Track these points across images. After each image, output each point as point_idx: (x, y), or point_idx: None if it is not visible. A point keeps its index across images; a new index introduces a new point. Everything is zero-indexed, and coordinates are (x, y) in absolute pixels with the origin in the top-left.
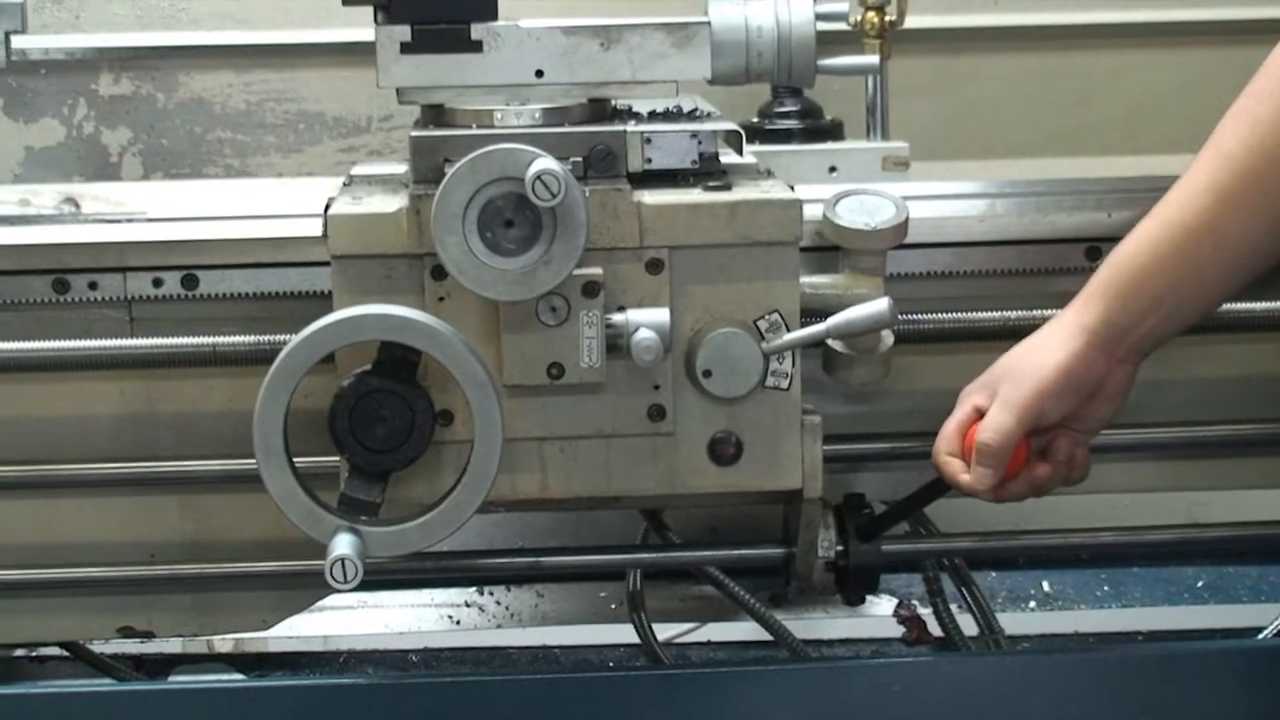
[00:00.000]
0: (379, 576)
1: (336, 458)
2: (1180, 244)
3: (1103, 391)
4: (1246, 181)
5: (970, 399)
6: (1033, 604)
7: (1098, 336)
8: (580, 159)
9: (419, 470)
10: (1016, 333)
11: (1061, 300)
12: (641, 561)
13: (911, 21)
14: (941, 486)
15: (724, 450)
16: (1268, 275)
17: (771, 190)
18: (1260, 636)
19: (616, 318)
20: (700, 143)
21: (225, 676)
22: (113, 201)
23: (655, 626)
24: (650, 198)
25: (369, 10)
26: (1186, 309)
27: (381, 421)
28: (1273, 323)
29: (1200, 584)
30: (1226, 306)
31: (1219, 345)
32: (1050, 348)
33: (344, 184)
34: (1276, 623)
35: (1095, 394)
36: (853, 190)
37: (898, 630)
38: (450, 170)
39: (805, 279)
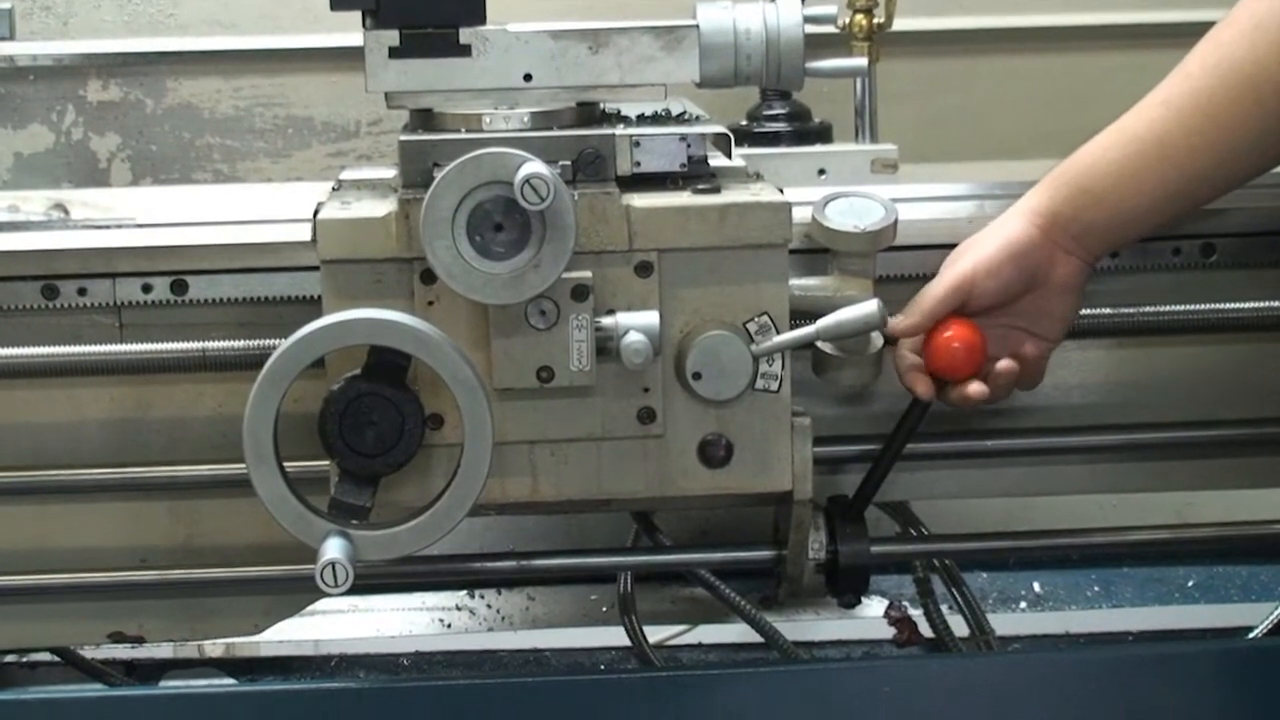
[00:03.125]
0: (370, 580)
1: (327, 462)
2: (1128, 150)
3: (1049, 282)
4: (1198, 100)
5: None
6: (1023, 605)
7: (1041, 218)
8: (569, 162)
9: (409, 474)
10: None
11: None
12: (632, 564)
13: (900, 24)
14: (919, 411)
15: (714, 452)
16: (1210, 200)
17: (760, 193)
18: (1250, 636)
19: (606, 321)
20: (689, 146)
21: (216, 681)
22: (102, 207)
23: (646, 629)
24: (639, 201)
25: (357, 15)
26: (1128, 213)
27: (371, 425)
28: (1260, 323)
29: (1190, 584)
30: (1218, 306)
31: (1210, 345)
32: (997, 225)
33: (333, 189)
34: (1267, 622)
35: (1041, 282)
36: (842, 192)
37: (888, 632)
38: (439, 174)
39: (794, 281)
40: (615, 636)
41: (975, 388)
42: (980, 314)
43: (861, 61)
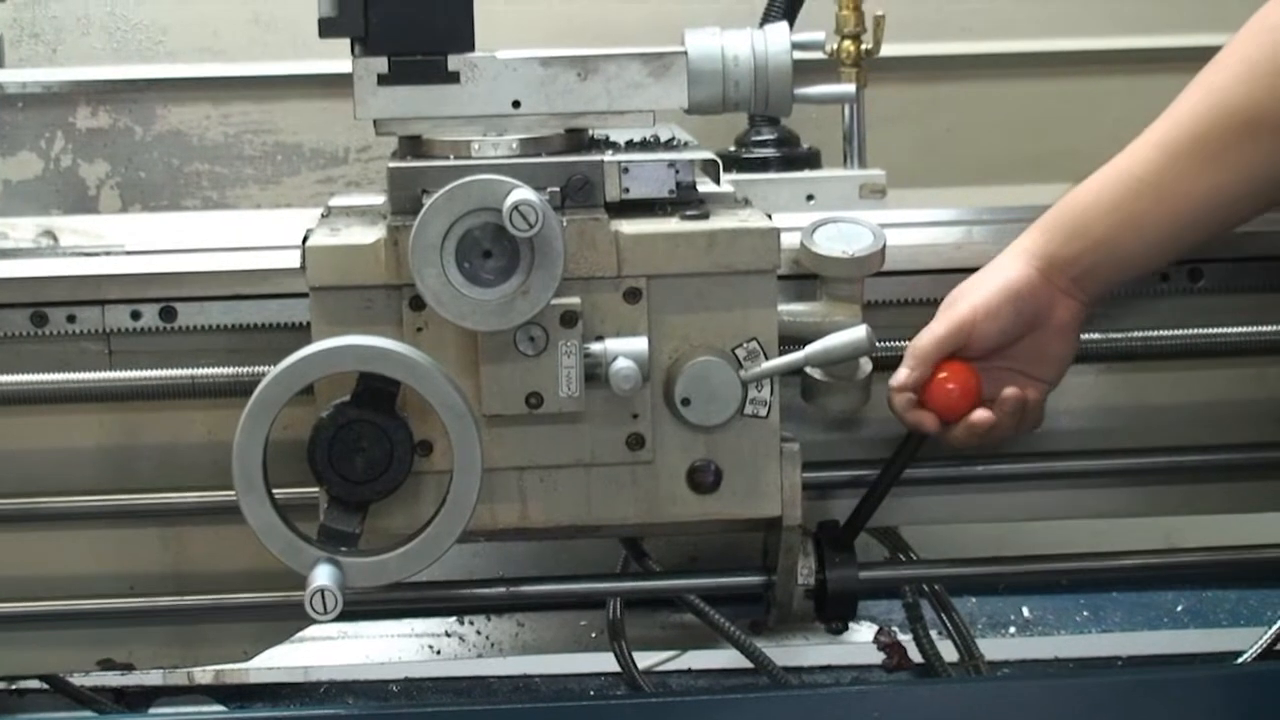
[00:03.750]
0: (359, 607)
1: (316, 489)
2: (1124, 192)
3: (1048, 324)
4: (1193, 143)
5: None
6: (1013, 629)
7: (1039, 261)
8: (558, 189)
9: (398, 501)
10: None
11: None
12: (621, 590)
13: (887, 50)
14: (913, 445)
15: (703, 478)
16: (1208, 242)
17: (749, 219)
18: (1240, 661)
19: (595, 347)
20: (678, 172)
21: (206, 708)
22: (91, 234)
23: (636, 655)
24: (628, 227)
25: (346, 42)
26: (1125, 257)
27: (360, 452)
28: (1248, 347)
29: (1180, 608)
30: (1206, 331)
31: (1198, 370)
32: (994, 268)
33: (322, 215)
34: (1256, 647)
35: (1039, 324)
36: (830, 218)
37: (878, 656)
38: (428, 201)
39: (783, 307)
40: (605, 662)
41: (980, 414)
42: (978, 357)
43: (849, 87)
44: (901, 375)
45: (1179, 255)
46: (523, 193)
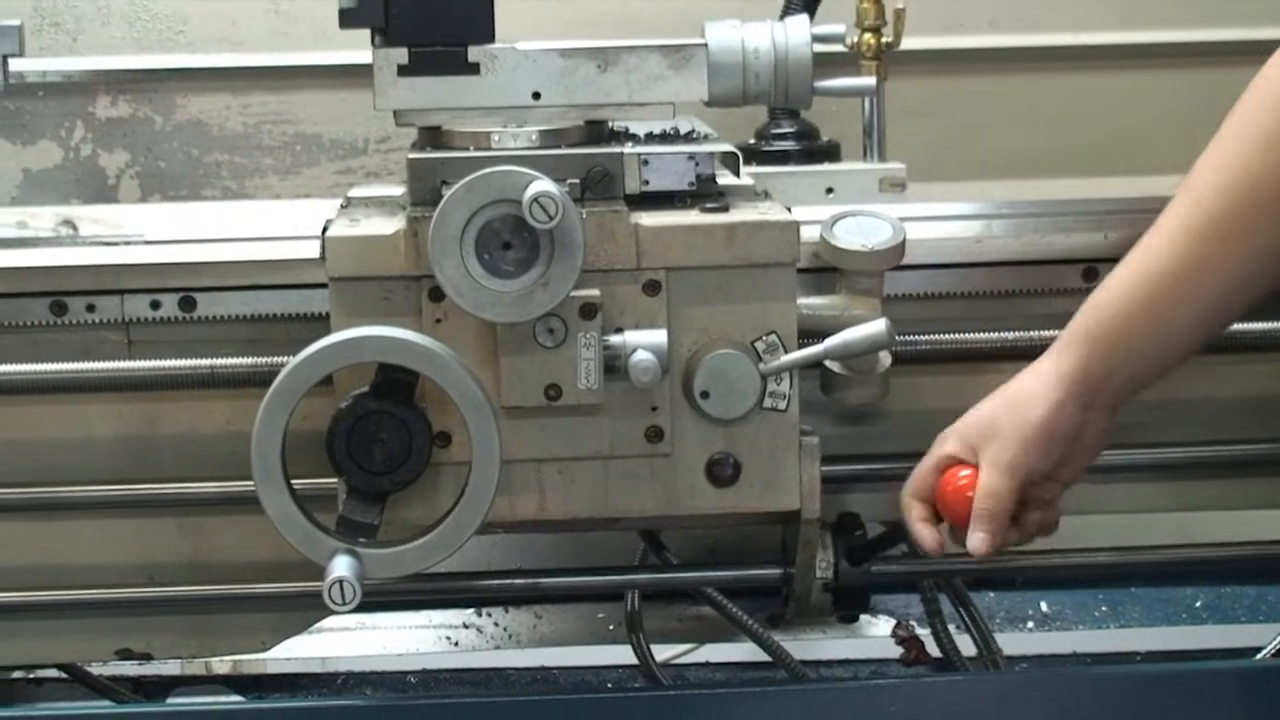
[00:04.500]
0: (377, 598)
1: (334, 479)
2: (1157, 289)
3: (1080, 441)
4: (1219, 225)
5: (945, 445)
6: (1031, 624)
7: (1077, 386)
8: (577, 181)
9: (417, 492)
10: (1013, 353)
11: (1059, 321)
12: (639, 582)
13: (908, 43)
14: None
15: (722, 471)
16: (1245, 316)
17: (769, 212)
18: (1258, 657)
19: (614, 339)
20: (697, 164)
21: (224, 698)
22: (110, 224)
23: (653, 647)
24: (647, 219)
25: (366, 33)
26: (1164, 356)
27: (379, 443)
28: (1274, 342)
29: (1198, 604)
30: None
31: (1217, 365)
32: (1030, 401)
33: (341, 206)
34: (1275, 643)
35: (1074, 444)
36: (850, 211)
37: (896, 651)
38: (448, 192)
39: (803, 300)
40: (622, 655)
41: (1006, 539)
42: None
43: (870, 80)
44: (984, 541)
45: (1216, 333)
46: (543, 184)
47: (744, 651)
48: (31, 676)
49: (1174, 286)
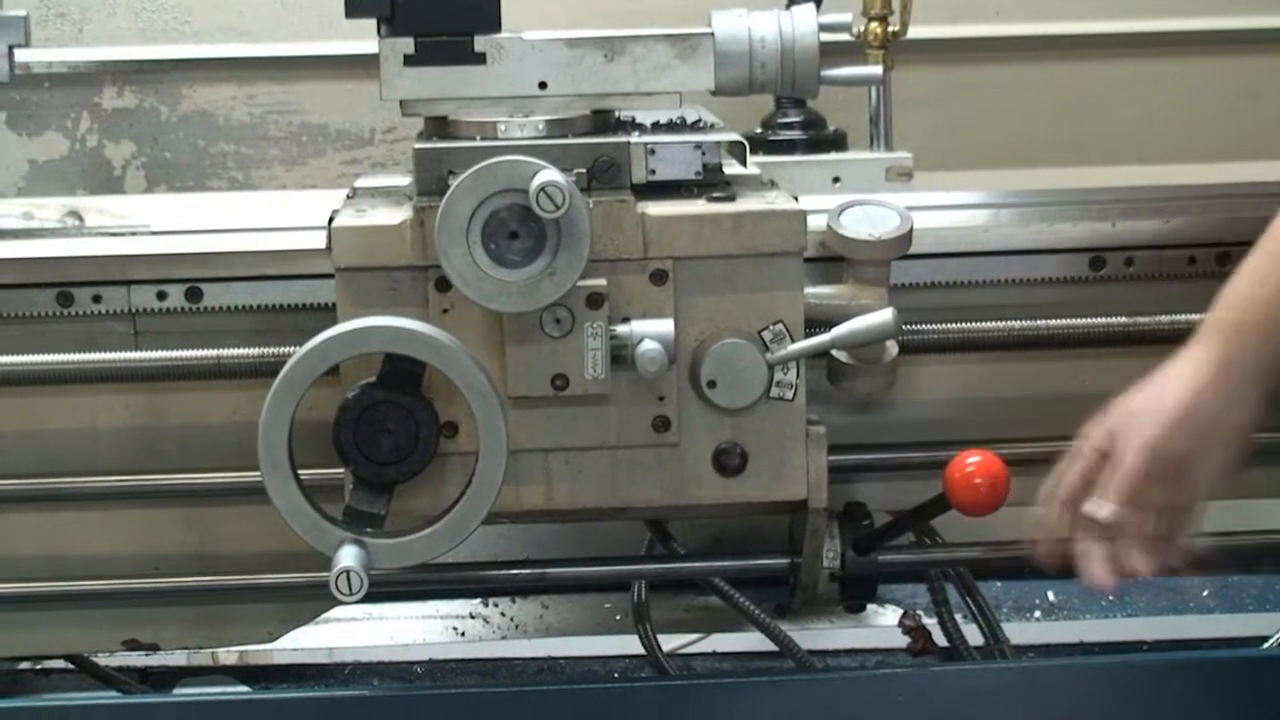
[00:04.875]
0: (384, 588)
1: (341, 470)
2: None
3: (1221, 429)
4: None
5: (1090, 437)
6: (1038, 614)
7: (1218, 371)
8: (584, 170)
9: (424, 482)
10: (1021, 342)
11: (1065, 310)
12: (646, 572)
13: (914, 32)
14: (944, 504)
15: (729, 461)
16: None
17: (775, 201)
18: (1265, 645)
19: (621, 329)
20: (704, 154)
21: (230, 689)
22: (116, 215)
23: (660, 637)
24: (654, 209)
25: (372, 22)
26: None
27: (386, 433)
28: None
29: (1205, 593)
30: None
31: None
32: (1170, 384)
33: (348, 196)
34: None
35: (1214, 430)
36: (857, 201)
37: (903, 640)
38: (454, 182)
39: (809, 289)
40: (629, 645)
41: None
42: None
43: (876, 69)
44: (1104, 506)
45: None
46: (549, 174)
47: (751, 641)
48: (38, 667)
49: None
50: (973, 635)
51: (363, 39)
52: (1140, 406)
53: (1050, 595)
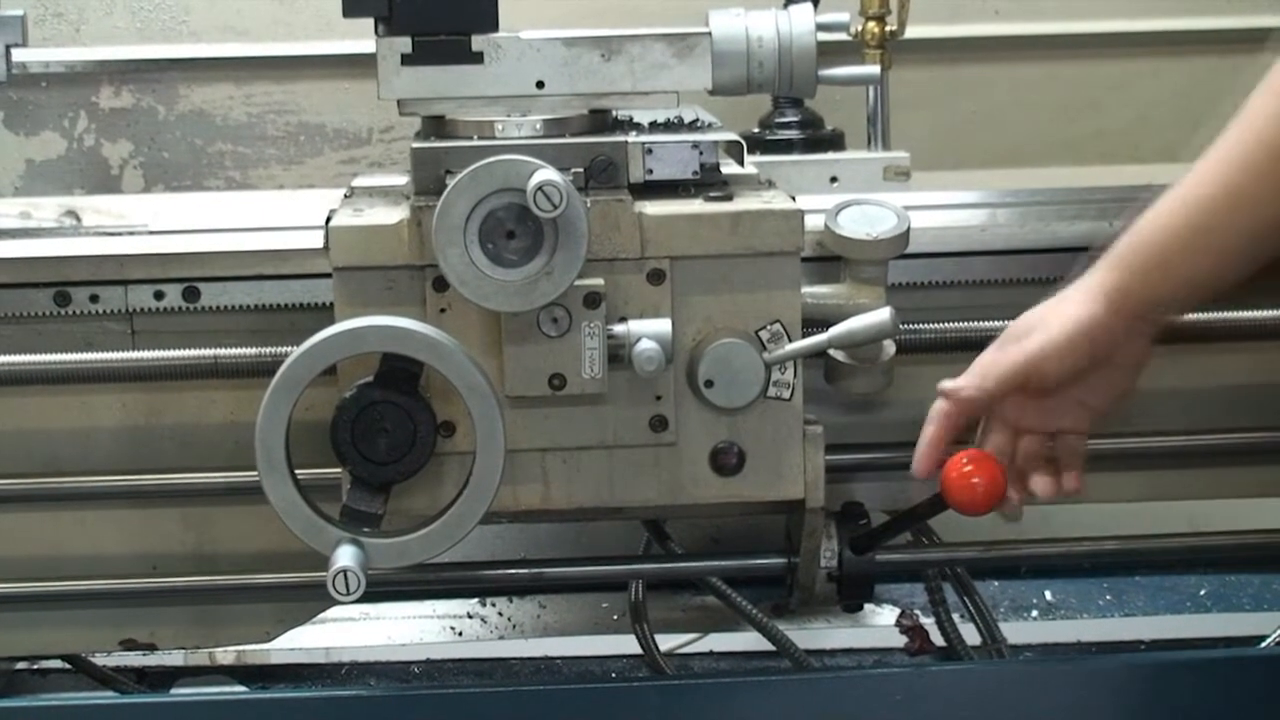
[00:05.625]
0: (381, 588)
1: (339, 469)
2: (1206, 217)
3: (1115, 361)
4: (1272, 154)
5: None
6: (1035, 613)
7: (1115, 302)
8: (581, 170)
9: (421, 482)
10: None
11: None
12: (643, 572)
13: (912, 32)
14: (941, 504)
15: (726, 460)
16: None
17: (773, 200)
18: (1262, 645)
19: (618, 328)
20: (701, 153)
21: (227, 689)
22: (114, 214)
23: (657, 637)
24: (651, 208)
25: (369, 22)
26: (1201, 276)
27: (383, 433)
28: (1275, 331)
29: (1202, 593)
30: (1231, 314)
31: (1223, 353)
32: (1069, 307)
33: (345, 195)
34: (1279, 631)
35: (1106, 361)
36: (854, 200)
37: (900, 640)
38: (451, 182)
39: (807, 289)
40: (626, 644)
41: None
42: (1040, 394)
43: (874, 69)
44: (960, 381)
45: (1250, 267)
46: (547, 173)
47: (748, 641)
48: (36, 667)
49: (1221, 212)
50: (970, 635)
51: (360, 38)
52: (1030, 321)
53: (1047, 595)
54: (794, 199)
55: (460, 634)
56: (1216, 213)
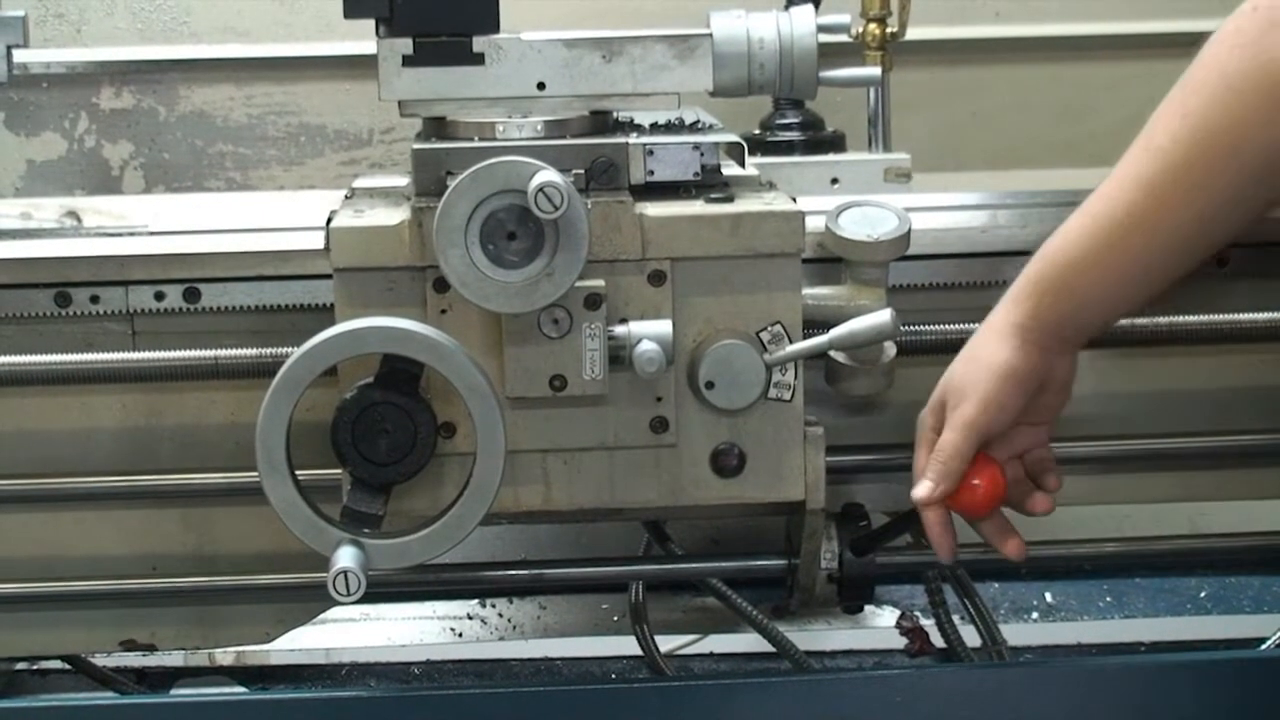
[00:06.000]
0: (381, 589)
1: (339, 470)
2: (1110, 239)
3: (1049, 384)
4: (1175, 175)
5: (925, 429)
6: (1035, 615)
7: (1032, 334)
8: (582, 171)
9: (421, 483)
10: None
11: None
12: (644, 573)
13: (913, 33)
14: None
15: (726, 462)
16: (1198, 270)
17: (774, 202)
18: (1263, 647)
19: (619, 330)
20: (702, 154)
21: (227, 689)
22: (114, 215)
23: (657, 638)
24: (652, 210)
25: (370, 23)
26: (1118, 302)
27: (384, 434)
28: (1274, 333)
29: (1203, 594)
30: (1231, 316)
31: (1223, 355)
32: (988, 355)
33: (346, 196)
34: (1279, 633)
35: (1042, 388)
36: (855, 202)
37: (900, 641)
38: (452, 183)
39: (807, 290)
40: (627, 646)
41: (1042, 503)
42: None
43: (875, 71)
44: (929, 489)
45: (1167, 285)
46: (547, 175)
47: (748, 642)
48: (35, 668)
49: (1127, 235)
50: (970, 636)
51: (361, 39)
52: (961, 382)
53: (1048, 597)
54: (795, 200)
55: (460, 635)
56: (1128, 239)
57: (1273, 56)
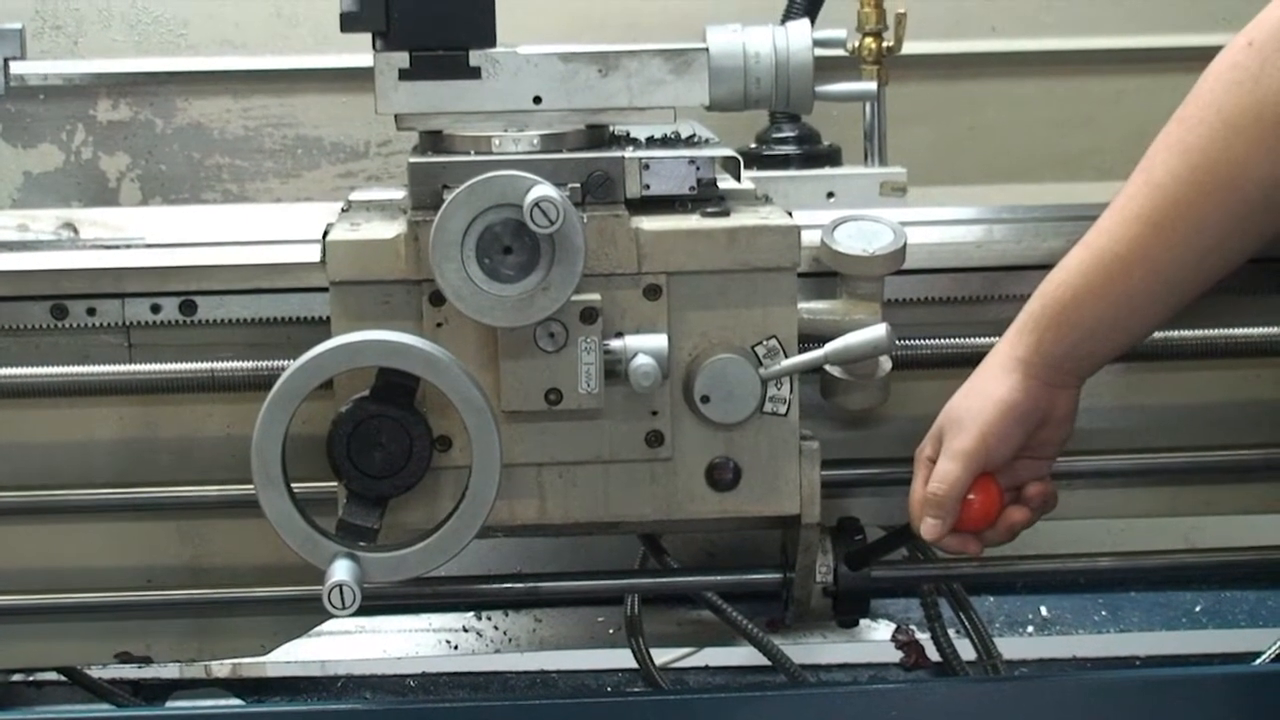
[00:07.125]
0: (377, 602)
1: (335, 483)
2: (1111, 273)
3: (1050, 419)
4: (1177, 210)
5: (923, 457)
6: (1030, 629)
7: (1033, 368)
8: (578, 185)
9: (417, 496)
10: None
11: None
12: (639, 586)
13: (909, 47)
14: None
15: (722, 476)
16: (1199, 301)
17: (769, 216)
18: (1258, 661)
19: (614, 344)
20: (698, 169)
21: (223, 702)
22: (111, 227)
23: (653, 651)
24: (648, 224)
25: (367, 36)
26: (1120, 336)
27: (380, 447)
28: (1273, 348)
29: (1198, 609)
30: (1227, 331)
31: (1219, 370)
32: (989, 388)
33: (342, 209)
34: (1274, 648)
35: (1043, 423)
36: (850, 216)
37: (895, 655)
38: (449, 196)
39: (803, 305)
40: (622, 658)
41: (1018, 514)
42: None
43: (871, 85)
44: (936, 530)
45: (1171, 316)
46: (543, 189)
47: (743, 655)
48: (31, 679)
49: (1131, 269)
50: (965, 650)
51: (358, 53)
52: (961, 414)
53: (1043, 610)
54: (790, 214)
55: (456, 647)
56: (1130, 274)
57: (1270, 92)
